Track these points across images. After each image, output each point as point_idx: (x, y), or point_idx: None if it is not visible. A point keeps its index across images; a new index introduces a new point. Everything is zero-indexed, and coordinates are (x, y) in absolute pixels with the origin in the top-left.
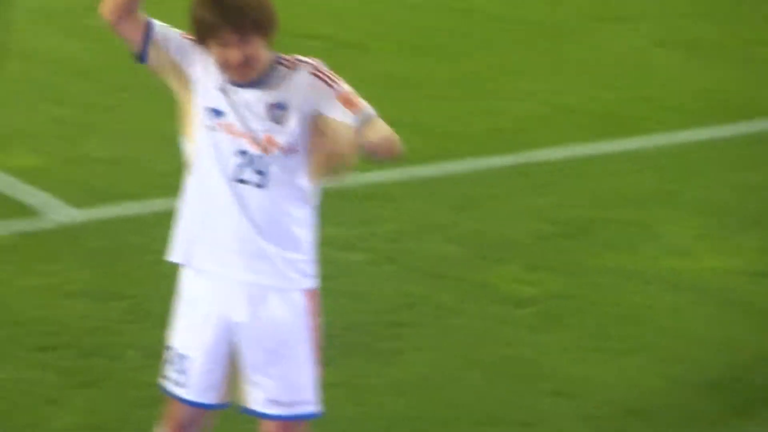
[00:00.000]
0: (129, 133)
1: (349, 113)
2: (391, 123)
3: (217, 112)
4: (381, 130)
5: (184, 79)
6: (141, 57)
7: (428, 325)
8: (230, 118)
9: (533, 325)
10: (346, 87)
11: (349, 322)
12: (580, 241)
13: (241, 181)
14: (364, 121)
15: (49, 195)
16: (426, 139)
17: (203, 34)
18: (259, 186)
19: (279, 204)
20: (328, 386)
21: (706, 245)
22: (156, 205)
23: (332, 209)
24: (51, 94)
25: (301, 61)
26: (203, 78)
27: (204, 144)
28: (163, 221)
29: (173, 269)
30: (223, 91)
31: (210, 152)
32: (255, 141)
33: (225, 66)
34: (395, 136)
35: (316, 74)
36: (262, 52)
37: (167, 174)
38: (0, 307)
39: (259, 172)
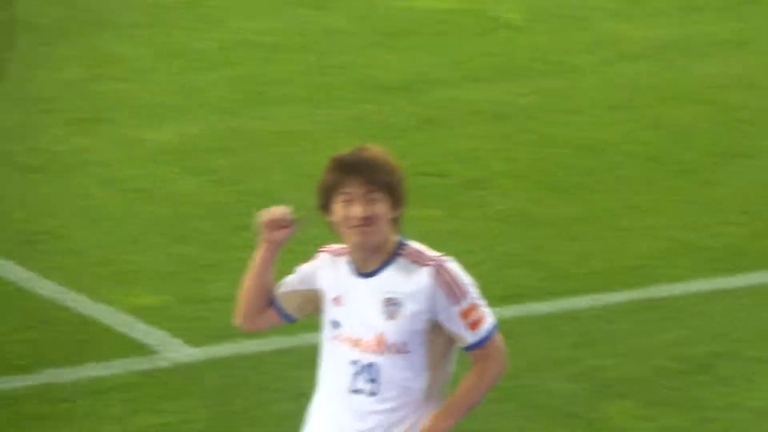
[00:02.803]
0: None
1: (468, 332)
2: (512, 260)
3: (335, 324)
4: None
5: (319, 301)
6: (288, 321)
7: None
8: (345, 328)
9: None
10: (470, 296)
11: None
12: (700, 377)
13: (356, 392)
14: (479, 345)
15: (167, 333)
16: (547, 276)
17: (330, 191)
18: (372, 394)
19: (392, 411)
20: None
21: None
22: (274, 343)
23: None
24: (173, 232)
25: (425, 257)
26: (328, 291)
27: (325, 356)
28: (282, 359)
29: (291, 408)
30: (344, 294)
31: (328, 364)
32: (364, 345)
33: (346, 224)
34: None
35: (440, 279)
36: (384, 216)
37: None
38: None
39: (371, 380)
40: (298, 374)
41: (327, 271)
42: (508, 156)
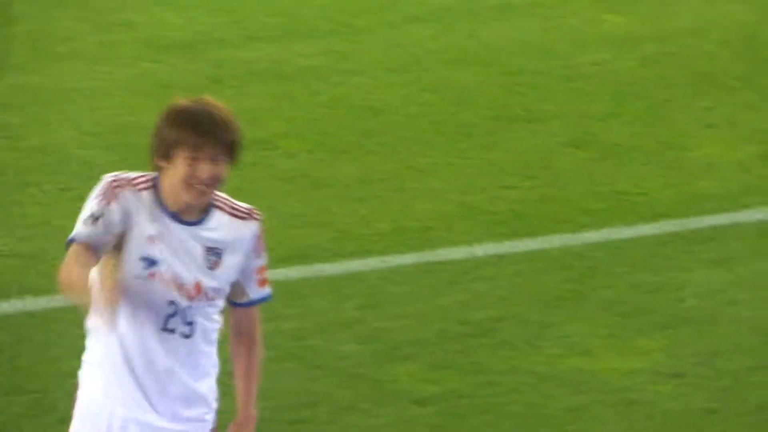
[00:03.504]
0: (33, 229)
1: (255, 287)
2: (298, 220)
3: (151, 261)
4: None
5: (121, 240)
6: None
7: (329, 423)
8: (163, 266)
9: (435, 424)
10: (266, 255)
11: None
12: (485, 340)
13: (169, 331)
14: (257, 302)
15: None
16: (332, 237)
17: (175, 147)
18: (186, 336)
19: (199, 351)
20: None
21: (610, 345)
22: (59, 300)
23: None
24: None
25: (242, 209)
26: (137, 228)
27: (134, 294)
28: (66, 317)
29: (76, 366)
30: (159, 234)
31: (138, 301)
32: (184, 289)
33: (189, 182)
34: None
35: (260, 236)
36: (226, 178)
37: None
38: None
39: (188, 323)
40: (83, 332)
41: (136, 207)
42: (290, 116)
